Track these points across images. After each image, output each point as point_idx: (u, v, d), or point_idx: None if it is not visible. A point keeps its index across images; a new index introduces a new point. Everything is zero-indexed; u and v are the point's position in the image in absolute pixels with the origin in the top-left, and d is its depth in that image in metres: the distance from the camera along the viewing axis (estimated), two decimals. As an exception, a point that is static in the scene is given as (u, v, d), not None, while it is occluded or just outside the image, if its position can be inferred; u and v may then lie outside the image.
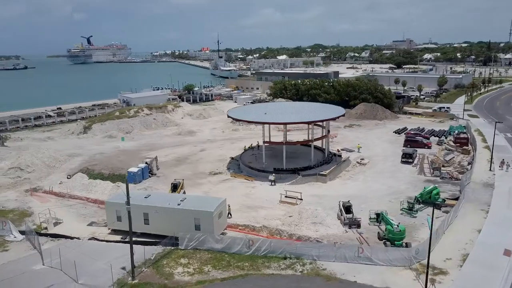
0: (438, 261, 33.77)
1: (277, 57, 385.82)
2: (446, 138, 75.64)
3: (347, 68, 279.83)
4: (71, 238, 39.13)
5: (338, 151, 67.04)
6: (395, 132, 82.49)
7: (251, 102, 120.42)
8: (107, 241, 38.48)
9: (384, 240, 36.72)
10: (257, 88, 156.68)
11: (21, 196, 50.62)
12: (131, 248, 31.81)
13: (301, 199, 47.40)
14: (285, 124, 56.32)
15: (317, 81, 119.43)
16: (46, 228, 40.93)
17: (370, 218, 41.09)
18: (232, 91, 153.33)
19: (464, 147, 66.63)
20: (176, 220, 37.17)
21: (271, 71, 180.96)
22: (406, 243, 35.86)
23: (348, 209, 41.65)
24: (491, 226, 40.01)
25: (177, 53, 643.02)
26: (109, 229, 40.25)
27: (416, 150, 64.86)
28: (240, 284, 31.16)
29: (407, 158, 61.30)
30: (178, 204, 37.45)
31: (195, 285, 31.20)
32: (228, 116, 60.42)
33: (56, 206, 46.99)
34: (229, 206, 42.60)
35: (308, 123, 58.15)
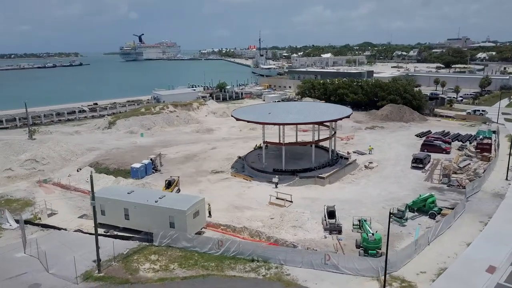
0: (411, 274, 32.04)
1: (322, 55, 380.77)
2: (470, 143, 71.27)
3: (391, 67, 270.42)
4: (59, 229, 41.06)
5: (348, 153, 65.15)
6: (417, 135, 78.79)
7: (277, 101, 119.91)
8: (90, 233, 39.84)
9: (360, 248, 35.35)
10: (290, 87, 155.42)
11: (31, 187, 53.76)
12: (97, 242, 32.90)
13: (291, 202, 46.67)
14: (281, 124, 55.37)
15: (345, 81, 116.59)
16: (39, 218, 43.22)
17: (353, 225, 39.67)
18: (264, 89, 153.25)
19: (485, 153, 62.35)
20: (153, 217, 37.96)
21: (304, 69, 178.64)
22: (381, 253, 34.26)
23: (331, 214, 40.42)
24: (484, 240, 37.34)
25: (224, 51, 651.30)
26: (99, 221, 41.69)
27: (429, 155, 61.65)
28: (197, 284, 31.28)
29: (417, 163, 58.41)
30: (156, 201, 38.15)
31: (155, 282, 31.74)
32: (232, 116, 60.46)
33: (57, 198, 49.52)
34: (209, 205, 42.87)
35: (306, 123, 56.88)
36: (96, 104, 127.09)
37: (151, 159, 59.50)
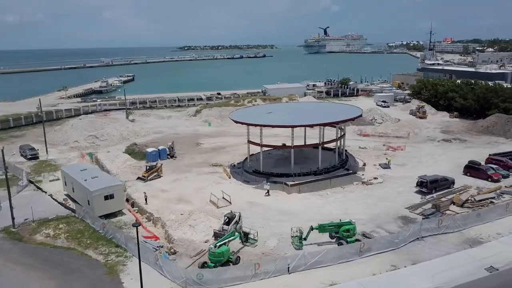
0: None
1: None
2: (552, 173, 53.74)
3: None
4: (43, 191, 51.51)
5: (364, 164, 58.27)
6: (492, 155, 62.85)
7: (382, 101, 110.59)
8: (54, 199, 48.93)
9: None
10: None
11: (75, 157, 67.01)
12: (10, 203, 41.08)
13: (229, 202, 46.39)
14: (261, 126, 53.56)
15: (458, 83, 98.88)
16: (41, 181, 54.82)
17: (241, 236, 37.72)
18: (387, 87, 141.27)
19: (536, 189, 46.79)
20: (81, 193, 44.49)
21: (439, 67, 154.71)
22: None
23: (229, 220, 39.17)
24: (358, 285, 30.70)
25: (412, 44, 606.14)
26: (64, 191, 50.74)
27: (448, 179, 49.84)
28: (55, 254, 36.31)
29: (421, 187, 48.49)
30: (85, 180, 44.35)
31: (34, 244, 38.21)
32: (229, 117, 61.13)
33: (77, 168, 60.82)
34: (145, 193, 46.72)
35: (282, 126, 53.96)
36: (219, 94, 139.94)
37: (170, 146, 65.97)
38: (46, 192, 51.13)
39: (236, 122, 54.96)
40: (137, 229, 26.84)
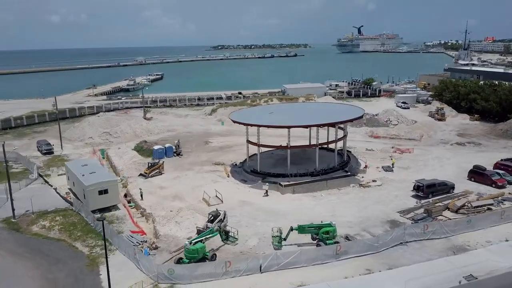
0: (188, 291, 30.56)
1: None
2: None
3: None
4: (49, 185, 54.05)
5: (366, 166, 57.51)
6: (503, 159, 60.36)
7: (402, 102, 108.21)
8: (57, 193, 51.26)
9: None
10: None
11: (88, 153, 69.72)
12: (10, 196, 43.45)
13: (221, 201, 47.07)
14: (257, 126, 53.85)
15: (480, 84, 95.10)
16: (49, 175, 57.52)
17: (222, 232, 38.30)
18: (412, 88, 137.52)
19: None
20: (79, 187, 46.41)
21: (466, 68, 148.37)
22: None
23: (214, 218, 39.86)
24: (325, 287, 30.64)
25: (449, 44, 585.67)
26: (68, 185, 53.00)
27: (447, 184, 48.37)
28: (46, 244, 38.32)
29: (418, 191, 47.36)
30: (83, 175, 46.24)
31: (30, 235, 40.33)
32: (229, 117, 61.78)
33: (86, 163, 63.30)
34: (140, 190, 48.12)
35: (277, 127, 54.42)
36: (240, 93, 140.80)
37: (177, 144, 67.42)
38: (52, 186, 53.63)
39: (234, 122, 55.76)
40: (102, 222, 27.87)
